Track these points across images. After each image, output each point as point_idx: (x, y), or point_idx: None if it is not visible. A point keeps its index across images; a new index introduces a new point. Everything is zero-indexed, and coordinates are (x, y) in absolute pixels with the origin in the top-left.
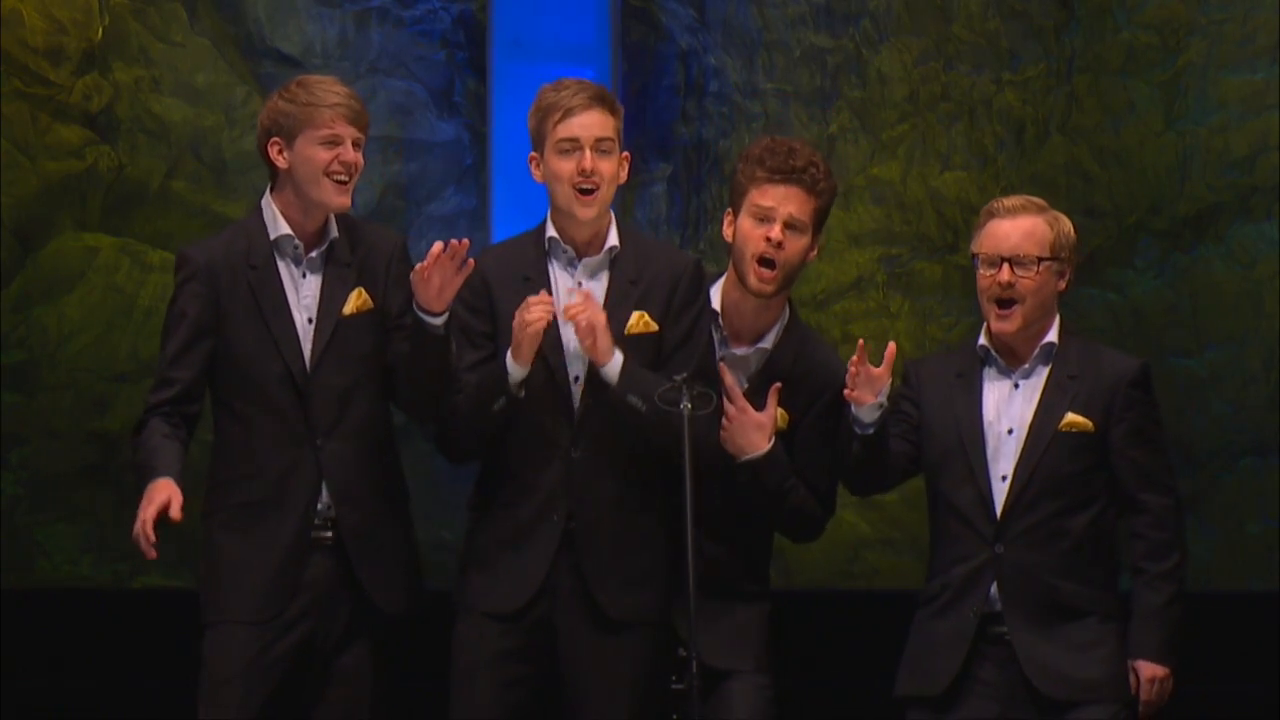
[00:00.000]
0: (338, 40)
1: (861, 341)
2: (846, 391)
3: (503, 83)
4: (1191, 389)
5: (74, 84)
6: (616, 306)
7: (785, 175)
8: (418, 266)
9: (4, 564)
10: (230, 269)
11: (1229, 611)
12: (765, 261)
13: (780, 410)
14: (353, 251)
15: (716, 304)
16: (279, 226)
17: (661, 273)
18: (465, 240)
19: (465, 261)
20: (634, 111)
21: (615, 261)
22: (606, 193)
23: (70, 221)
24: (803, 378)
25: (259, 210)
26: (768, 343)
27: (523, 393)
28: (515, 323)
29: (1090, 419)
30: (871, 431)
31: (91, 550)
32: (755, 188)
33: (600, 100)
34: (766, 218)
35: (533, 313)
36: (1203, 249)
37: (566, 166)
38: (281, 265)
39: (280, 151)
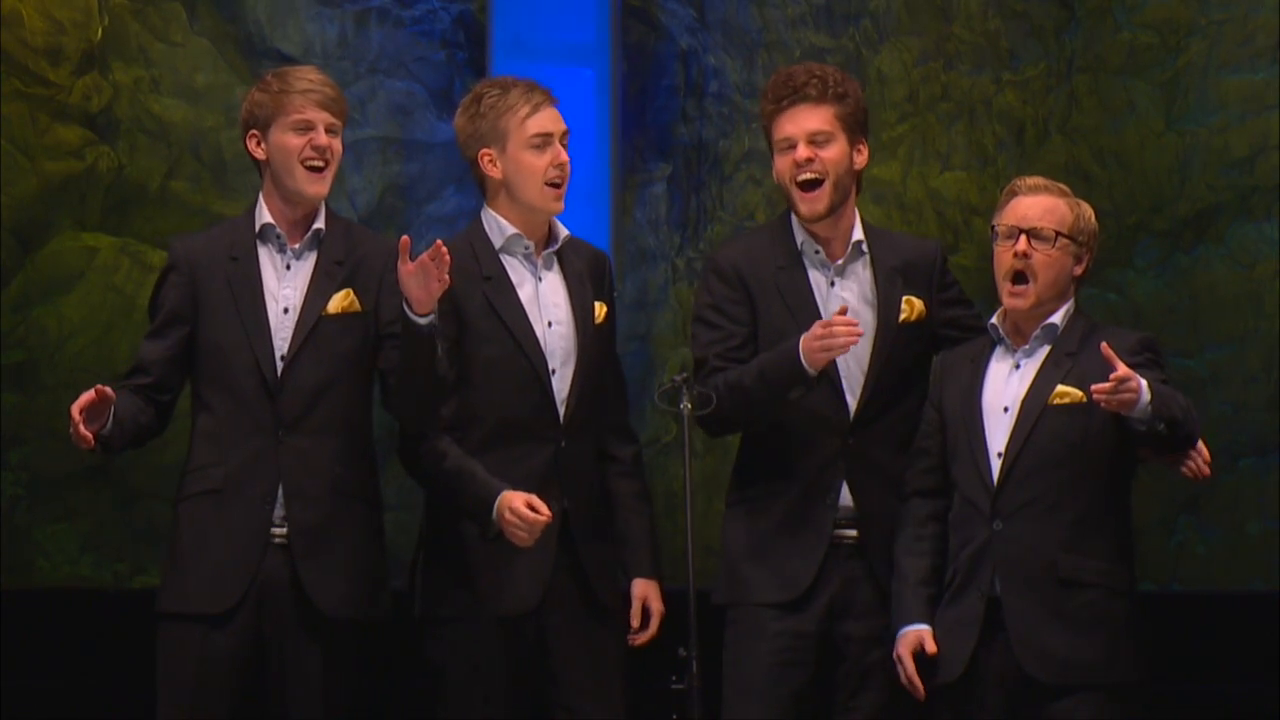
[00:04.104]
0: (337, 40)
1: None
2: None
3: None
4: (1191, 389)
5: (74, 84)
6: (581, 298)
7: (789, 98)
8: (417, 260)
9: (4, 564)
10: (210, 260)
11: (1229, 611)
12: (803, 184)
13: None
14: (348, 253)
15: (800, 237)
16: (264, 217)
17: (590, 261)
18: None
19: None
20: (634, 111)
21: (559, 253)
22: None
23: (70, 221)
24: (908, 266)
25: (251, 207)
26: (859, 233)
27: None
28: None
29: (1083, 390)
30: None
31: (91, 550)
32: (772, 124)
33: (553, 96)
34: (789, 145)
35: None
36: (1203, 249)
37: (540, 161)
38: (265, 256)
39: (258, 143)
